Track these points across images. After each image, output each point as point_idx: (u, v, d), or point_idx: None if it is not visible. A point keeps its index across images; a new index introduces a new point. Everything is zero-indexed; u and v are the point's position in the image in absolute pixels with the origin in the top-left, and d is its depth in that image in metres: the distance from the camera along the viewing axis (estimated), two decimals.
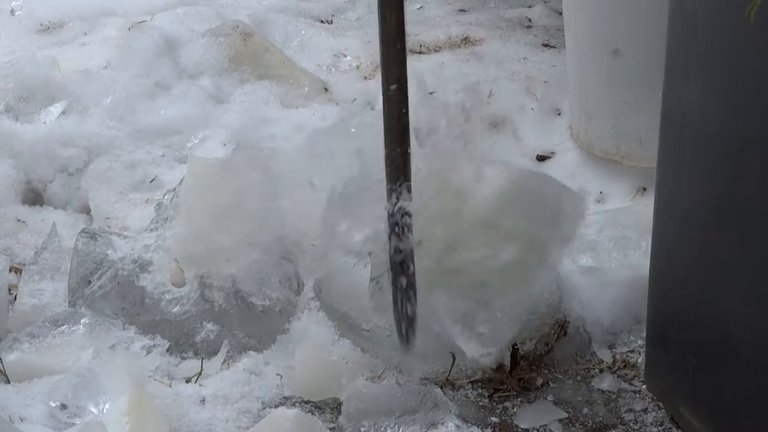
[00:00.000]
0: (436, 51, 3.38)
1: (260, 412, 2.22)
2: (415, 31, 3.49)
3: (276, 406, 2.21)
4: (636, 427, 2.22)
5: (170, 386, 2.25)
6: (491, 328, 2.23)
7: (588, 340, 2.45)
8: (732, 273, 1.94)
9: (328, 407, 2.24)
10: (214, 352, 2.35)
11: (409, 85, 3.11)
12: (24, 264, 2.58)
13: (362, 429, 2.14)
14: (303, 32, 3.49)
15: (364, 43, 3.42)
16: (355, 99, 3.21)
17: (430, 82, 3.19)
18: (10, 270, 2.54)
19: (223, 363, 2.33)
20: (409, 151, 2.07)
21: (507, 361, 2.34)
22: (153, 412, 2.12)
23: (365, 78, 3.29)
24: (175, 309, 2.36)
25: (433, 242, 2.20)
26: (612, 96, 2.78)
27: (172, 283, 2.38)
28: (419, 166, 2.33)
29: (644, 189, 2.78)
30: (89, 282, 2.42)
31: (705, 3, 1.87)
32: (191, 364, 2.33)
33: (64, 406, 2.12)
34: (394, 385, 2.23)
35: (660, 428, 2.21)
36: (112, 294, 2.38)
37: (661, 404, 2.27)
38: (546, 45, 3.41)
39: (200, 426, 2.17)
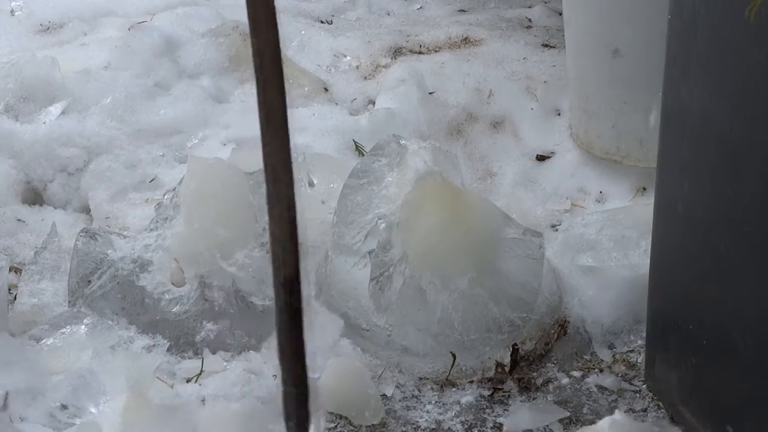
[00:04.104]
0: (436, 51, 3.38)
1: None
2: (415, 31, 3.49)
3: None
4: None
5: (172, 387, 2.25)
6: None
7: (588, 339, 2.45)
8: (732, 273, 1.94)
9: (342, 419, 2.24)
10: (214, 352, 2.35)
11: (409, 85, 3.13)
12: (24, 264, 2.58)
13: None
14: (303, 32, 3.49)
15: (364, 43, 3.42)
16: (354, 99, 3.20)
17: (430, 82, 3.19)
18: (10, 270, 2.53)
19: (223, 362, 2.33)
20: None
21: (507, 361, 2.34)
22: (150, 413, 2.11)
23: (365, 78, 3.28)
24: (175, 309, 2.35)
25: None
26: (612, 96, 2.78)
27: (172, 283, 2.37)
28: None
29: (644, 189, 2.78)
30: (89, 282, 2.42)
31: (705, 3, 1.87)
32: (191, 364, 2.33)
33: (64, 407, 2.12)
34: None
35: (660, 428, 2.21)
36: (112, 294, 2.38)
37: (661, 404, 2.26)
38: (546, 45, 3.40)
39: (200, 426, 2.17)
